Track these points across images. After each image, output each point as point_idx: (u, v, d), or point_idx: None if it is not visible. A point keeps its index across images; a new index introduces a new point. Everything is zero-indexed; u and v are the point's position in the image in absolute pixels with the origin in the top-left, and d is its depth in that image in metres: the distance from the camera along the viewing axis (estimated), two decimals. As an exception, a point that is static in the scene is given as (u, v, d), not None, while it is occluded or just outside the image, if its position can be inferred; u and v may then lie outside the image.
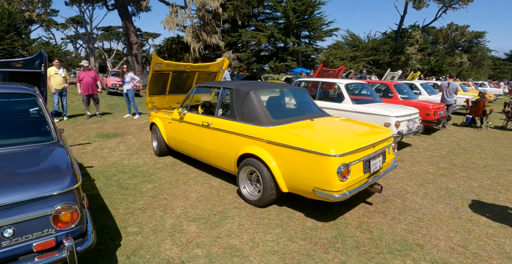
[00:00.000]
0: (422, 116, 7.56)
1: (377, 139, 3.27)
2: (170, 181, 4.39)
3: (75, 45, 51.40)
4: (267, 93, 4.29)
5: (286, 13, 27.39)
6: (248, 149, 3.47)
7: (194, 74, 6.38)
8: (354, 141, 3.04)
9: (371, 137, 3.28)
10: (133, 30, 24.42)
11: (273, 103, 4.18)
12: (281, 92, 4.42)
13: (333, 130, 3.47)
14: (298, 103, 4.38)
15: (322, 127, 3.51)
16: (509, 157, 6.00)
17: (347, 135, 3.25)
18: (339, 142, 2.92)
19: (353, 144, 2.96)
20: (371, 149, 3.16)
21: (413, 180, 4.45)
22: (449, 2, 36.72)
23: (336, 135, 3.20)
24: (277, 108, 4.04)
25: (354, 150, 2.89)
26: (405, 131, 5.76)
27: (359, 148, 2.97)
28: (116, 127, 8.23)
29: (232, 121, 3.80)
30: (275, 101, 4.25)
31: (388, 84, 8.54)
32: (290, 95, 4.47)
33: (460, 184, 4.36)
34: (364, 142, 3.08)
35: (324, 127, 3.55)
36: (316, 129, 3.41)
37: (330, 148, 2.76)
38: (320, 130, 3.39)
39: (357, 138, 3.18)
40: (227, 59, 22.78)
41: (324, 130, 3.43)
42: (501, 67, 51.04)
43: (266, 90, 4.11)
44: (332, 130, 3.45)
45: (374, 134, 3.43)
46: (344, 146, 2.87)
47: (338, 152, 2.75)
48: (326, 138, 3.00)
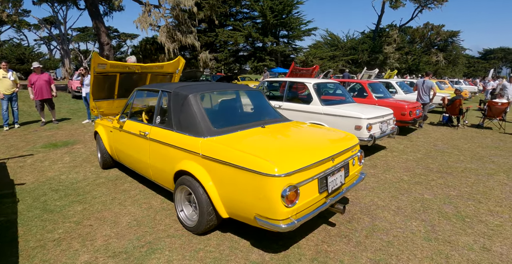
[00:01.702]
0: (397, 116, 7.14)
1: (338, 150, 2.70)
2: (104, 201, 3.72)
3: (49, 46, 49.30)
4: (214, 97, 3.68)
5: (263, 12, 26.90)
6: (183, 165, 2.85)
7: (146, 76, 5.72)
8: (307, 155, 2.45)
9: (330, 147, 2.71)
10: (104, 30, 23.30)
11: (219, 108, 3.57)
12: (231, 94, 3.80)
13: (285, 140, 2.87)
14: (250, 107, 3.77)
15: (272, 137, 2.90)
16: (487, 158, 5.62)
17: (300, 147, 2.65)
18: (287, 157, 2.33)
19: (305, 159, 2.37)
20: (330, 162, 2.58)
21: (385, 190, 3.93)
22: (424, 2, 37.31)
23: (286, 147, 2.59)
24: (222, 114, 3.43)
25: (305, 166, 2.31)
26: (378, 134, 5.27)
27: (313, 164, 2.38)
28: (70, 134, 7.42)
29: (168, 131, 3.17)
30: (222, 106, 3.64)
31: (362, 83, 8.10)
32: (242, 98, 3.85)
33: (437, 193, 3.88)
34: (320, 155, 2.50)
35: (275, 136, 2.94)
36: (264, 140, 2.80)
37: (273, 166, 2.16)
38: (268, 141, 2.77)
39: (312, 150, 2.58)
40: (205, 59, 21.67)
41: (274, 140, 2.82)
42: (475, 65, 52.53)
43: (211, 93, 3.48)
44: (283, 141, 2.84)
45: (334, 143, 2.86)
46: (293, 162, 2.27)
47: (283, 171, 2.16)
48: (271, 152, 2.40)
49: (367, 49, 35.19)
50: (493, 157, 5.77)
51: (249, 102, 3.80)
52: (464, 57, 47.56)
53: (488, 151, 6.16)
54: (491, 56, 53.91)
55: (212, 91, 3.48)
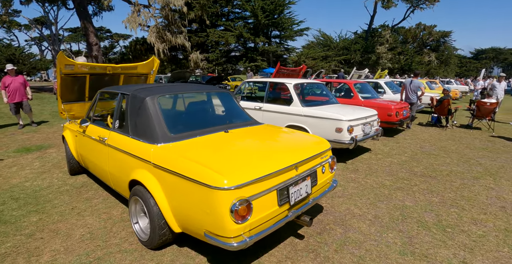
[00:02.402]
0: (383, 117, 6.93)
1: (303, 157, 2.45)
2: (63, 211, 3.45)
3: (40, 47, 48.61)
4: (178, 100, 3.42)
5: (254, 12, 26.68)
6: (136, 174, 2.60)
7: (118, 77, 5.46)
8: (265, 163, 2.19)
9: (294, 154, 2.45)
10: (93, 30, 22.90)
11: (181, 112, 3.31)
12: (197, 97, 3.53)
13: (245, 147, 2.60)
14: (217, 110, 3.51)
15: (232, 143, 2.64)
16: (474, 160, 5.43)
17: (260, 154, 2.38)
18: (241, 167, 2.08)
19: (262, 168, 2.11)
20: (292, 171, 2.33)
21: (364, 197, 3.69)
22: (416, 2, 37.43)
23: (243, 155, 2.33)
24: (183, 118, 3.17)
25: (260, 177, 2.05)
26: (360, 136, 5.04)
27: (271, 173, 2.12)
28: (47, 138, 7.10)
29: (124, 137, 2.94)
30: (185, 109, 3.37)
31: (348, 84, 7.88)
32: (209, 100, 3.58)
33: (419, 200, 3.65)
34: (281, 163, 2.24)
35: (236, 142, 2.68)
36: (221, 147, 2.53)
37: (222, 178, 1.91)
38: (225, 148, 2.51)
39: (273, 158, 2.32)
40: (196, 59, 21.38)
41: (232, 147, 2.55)
42: (467, 65, 52.85)
43: (174, 95, 3.22)
44: (243, 147, 2.57)
45: (301, 149, 2.61)
46: (246, 172, 2.02)
47: (232, 183, 1.90)
48: (224, 162, 2.15)
49: (359, 49, 35.15)
50: (481, 159, 5.58)
51: (217, 105, 3.54)
52: (456, 57, 47.80)
53: (475, 153, 5.98)
54: (483, 56, 54.27)
55: (176, 94, 3.23)
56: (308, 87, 6.58)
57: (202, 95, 3.53)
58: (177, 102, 3.47)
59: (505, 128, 8.96)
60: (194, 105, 3.48)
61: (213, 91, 3.54)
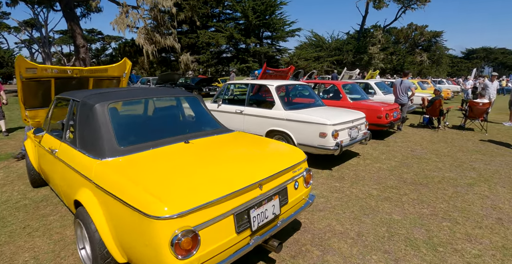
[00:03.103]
0: (372, 119, 6.63)
1: (269, 173, 2.10)
2: (13, 231, 3.08)
3: (31, 50, 47.86)
4: (137, 106, 3.06)
5: (245, 12, 26.37)
6: (79, 194, 2.25)
7: (87, 80, 5.11)
8: (220, 184, 1.84)
9: (259, 169, 2.10)
10: (80, 32, 22.42)
11: (138, 120, 2.96)
12: (160, 102, 3.17)
13: (202, 161, 2.21)
14: (182, 116, 3.16)
15: (187, 157, 2.27)
16: (467, 164, 5.14)
17: (216, 171, 2.02)
18: (188, 190, 1.72)
19: (213, 191, 1.76)
20: (255, 191, 1.98)
21: (348, 210, 3.36)
22: (408, 3, 37.45)
23: (196, 173, 1.96)
24: (138, 127, 2.80)
25: (210, 201, 1.69)
26: (346, 141, 4.71)
27: (224, 196, 1.77)
28: (20, 146, 6.67)
29: (72, 149, 2.59)
30: (143, 117, 3.02)
31: (336, 85, 7.58)
32: (174, 106, 3.22)
33: (408, 212, 3.33)
34: (238, 183, 1.89)
35: (193, 155, 2.32)
36: (173, 162, 2.16)
37: (161, 205, 1.56)
38: (178, 164, 2.13)
39: (231, 176, 1.97)
40: (186, 61, 20.95)
41: (186, 162, 2.17)
42: (458, 65, 53.15)
43: (133, 101, 2.86)
44: (200, 162, 2.18)
45: (268, 163, 2.26)
46: (192, 197, 1.67)
47: (173, 210, 1.55)
48: (170, 183, 1.80)
49: (351, 50, 35.04)
50: (474, 162, 5.29)
51: (183, 111, 3.19)
52: (447, 57, 48.01)
53: (469, 156, 5.69)
54: (474, 56, 54.61)
55: (133, 100, 2.87)
56: (293, 89, 6.25)
57: (166, 101, 3.17)
58: (135, 109, 3.10)
59: (498, 128, 8.73)
60: (155, 112, 3.13)
61: (178, 96, 3.18)
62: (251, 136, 2.99)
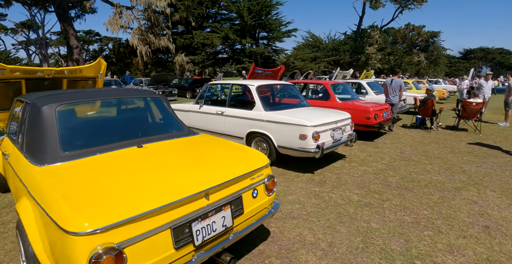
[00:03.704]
0: (361, 120, 6.41)
1: (219, 181, 1.87)
2: (-37, 240, 2.85)
3: (28, 51, 47.71)
4: (92, 107, 2.84)
5: (240, 13, 26.16)
6: (19, 203, 2.06)
7: (61, 82, 4.92)
8: (157, 193, 1.63)
9: (208, 177, 1.88)
10: (73, 33, 22.25)
11: (90, 122, 2.73)
12: (118, 104, 2.94)
13: (147, 168, 1.97)
14: (140, 118, 2.93)
15: (134, 163, 2.05)
16: (457, 167, 4.91)
17: (159, 179, 1.79)
18: (117, 202, 1.52)
19: (146, 202, 1.54)
20: (200, 201, 1.75)
21: (323, 217, 3.12)
22: (404, 3, 37.29)
23: (134, 182, 1.74)
24: (89, 130, 2.58)
25: (140, 214, 1.47)
26: (329, 143, 4.48)
27: (158, 208, 1.55)
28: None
29: (19, 154, 2.40)
30: (95, 120, 2.81)
31: (325, 85, 7.35)
32: (134, 107, 2.99)
33: (388, 220, 3.09)
34: (178, 193, 1.67)
35: (141, 161, 2.09)
36: (116, 169, 1.95)
37: (79, 220, 1.38)
38: (119, 171, 1.91)
39: (173, 184, 1.75)
40: (181, 62, 20.58)
41: (130, 169, 1.95)
42: (456, 65, 53.00)
43: (87, 102, 2.64)
44: (143, 169, 1.95)
45: (221, 169, 2.03)
46: (119, 209, 1.46)
47: (93, 225, 1.35)
48: (99, 193, 1.60)
49: (348, 50, 34.83)
50: (465, 164, 5.07)
51: (143, 113, 2.96)
52: (445, 57, 47.86)
53: (460, 158, 5.47)
54: (471, 56, 54.47)
55: (89, 101, 2.64)
56: (277, 89, 6.02)
57: (125, 102, 2.94)
58: (89, 111, 2.88)
59: (492, 129, 8.51)
60: (111, 114, 2.90)
61: (140, 97, 2.95)
62: (214, 140, 2.76)
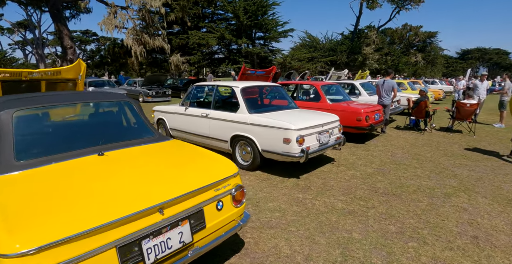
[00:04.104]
0: (352, 122, 6.26)
1: (174, 194, 1.70)
2: None
3: (24, 51, 47.46)
4: (53, 112, 2.66)
5: (236, 13, 25.98)
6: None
7: (39, 84, 4.76)
8: (106, 209, 1.48)
9: (164, 190, 1.72)
10: (67, 33, 22.05)
11: (49, 128, 2.55)
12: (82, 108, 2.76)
13: (102, 179, 1.80)
14: (107, 124, 2.75)
15: (89, 174, 1.88)
16: (449, 171, 4.76)
17: (114, 192, 1.63)
18: (55, 220, 1.36)
19: (90, 219, 1.38)
20: (154, 216, 1.59)
21: (303, 227, 2.95)
22: (401, 3, 37.24)
23: (86, 196, 1.58)
24: (47, 138, 2.39)
25: (79, 233, 1.31)
26: (315, 147, 4.31)
27: (102, 226, 1.38)
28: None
29: None
30: (57, 125, 2.62)
31: (315, 86, 7.19)
32: (99, 112, 2.82)
33: (371, 229, 2.93)
34: (130, 207, 1.51)
35: (97, 172, 1.92)
36: (68, 181, 1.78)
37: (11, 241, 1.27)
38: (72, 183, 1.74)
39: (128, 198, 1.59)
40: (176, 62, 20.27)
41: (83, 180, 1.78)
42: (453, 65, 52.98)
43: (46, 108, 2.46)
44: (98, 180, 1.78)
45: (180, 181, 1.86)
46: (57, 227, 1.32)
47: (24, 246, 1.21)
48: (40, 210, 1.44)
49: (345, 50, 34.73)
50: (457, 168, 4.92)
51: (111, 118, 2.78)
52: (442, 57, 47.81)
53: (452, 161, 5.32)
54: (469, 56, 54.45)
55: (52, 105, 2.46)
56: (264, 90, 5.84)
57: (92, 106, 2.76)
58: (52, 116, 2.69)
59: (487, 130, 8.37)
60: (74, 120, 2.73)
61: (108, 101, 2.77)
62: (183, 147, 2.58)
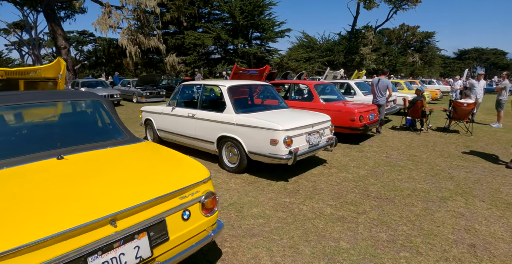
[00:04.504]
0: (345, 122, 6.05)
1: (130, 203, 1.49)
2: None
3: (21, 52, 47.24)
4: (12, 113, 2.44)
5: (232, 13, 25.79)
6: None
7: (17, 83, 4.55)
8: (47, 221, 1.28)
9: (119, 199, 1.51)
10: (61, 33, 21.83)
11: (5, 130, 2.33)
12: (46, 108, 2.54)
13: (54, 186, 1.59)
14: (72, 124, 2.53)
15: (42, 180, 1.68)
16: (445, 173, 4.56)
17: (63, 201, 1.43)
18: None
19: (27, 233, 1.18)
20: (104, 229, 1.38)
21: (287, 235, 2.74)
22: (399, 3, 37.15)
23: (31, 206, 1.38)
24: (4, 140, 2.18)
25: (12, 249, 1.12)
26: (304, 148, 4.10)
27: (39, 241, 1.18)
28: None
29: None
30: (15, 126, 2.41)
31: (308, 85, 6.99)
32: (66, 112, 2.60)
33: (360, 238, 2.72)
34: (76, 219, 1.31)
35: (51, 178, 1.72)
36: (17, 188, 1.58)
37: None
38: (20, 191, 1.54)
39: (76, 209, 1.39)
40: (172, 62, 19.97)
41: (34, 188, 1.57)
42: (450, 65, 52.97)
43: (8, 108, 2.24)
44: (49, 188, 1.57)
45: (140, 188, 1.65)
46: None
47: None
48: None
49: (343, 51, 34.60)
50: (454, 170, 4.72)
51: (77, 118, 2.57)
52: (439, 57, 47.83)
53: (449, 162, 5.12)
54: (466, 56, 54.44)
55: (13, 106, 2.24)
56: (253, 90, 5.63)
57: (55, 106, 2.54)
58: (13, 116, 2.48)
59: (485, 130, 8.19)
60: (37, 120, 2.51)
61: (75, 100, 2.55)
62: (153, 149, 2.37)
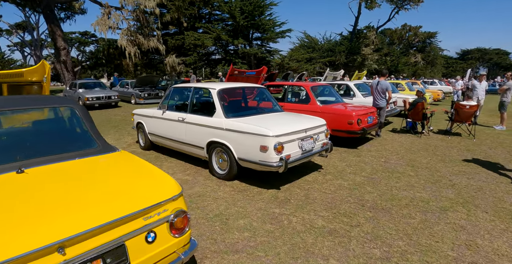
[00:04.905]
0: (343, 126, 5.85)
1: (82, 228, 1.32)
2: None
3: (23, 53, 47.40)
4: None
5: (232, 13, 25.62)
6: None
7: (0, 87, 4.40)
8: None
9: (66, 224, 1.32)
10: (60, 34, 21.76)
11: None
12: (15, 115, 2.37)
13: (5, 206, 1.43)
14: (38, 133, 2.35)
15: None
16: (446, 180, 4.35)
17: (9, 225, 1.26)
18: None
19: None
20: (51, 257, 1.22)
21: (273, 251, 2.54)
22: (401, 3, 36.86)
23: None
24: None
25: None
26: (296, 155, 3.90)
27: None
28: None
29: None
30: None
31: (305, 87, 6.79)
32: (33, 120, 2.42)
33: (352, 255, 2.51)
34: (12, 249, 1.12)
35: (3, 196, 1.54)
36: None
37: None
38: None
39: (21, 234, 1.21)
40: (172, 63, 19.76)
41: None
42: (453, 66, 52.57)
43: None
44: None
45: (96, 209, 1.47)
46: None
47: None
48: None
49: (344, 51, 34.35)
50: (455, 176, 4.51)
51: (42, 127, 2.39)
52: (442, 57, 47.45)
53: (450, 168, 4.90)
54: (469, 57, 54.03)
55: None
56: (245, 93, 5.43)
57: (22, 114, 2.36)
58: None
59: (487, 133, 7.96)
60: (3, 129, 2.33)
61: (43, 107, 2.37)
62: (125, 161, 2.18)
